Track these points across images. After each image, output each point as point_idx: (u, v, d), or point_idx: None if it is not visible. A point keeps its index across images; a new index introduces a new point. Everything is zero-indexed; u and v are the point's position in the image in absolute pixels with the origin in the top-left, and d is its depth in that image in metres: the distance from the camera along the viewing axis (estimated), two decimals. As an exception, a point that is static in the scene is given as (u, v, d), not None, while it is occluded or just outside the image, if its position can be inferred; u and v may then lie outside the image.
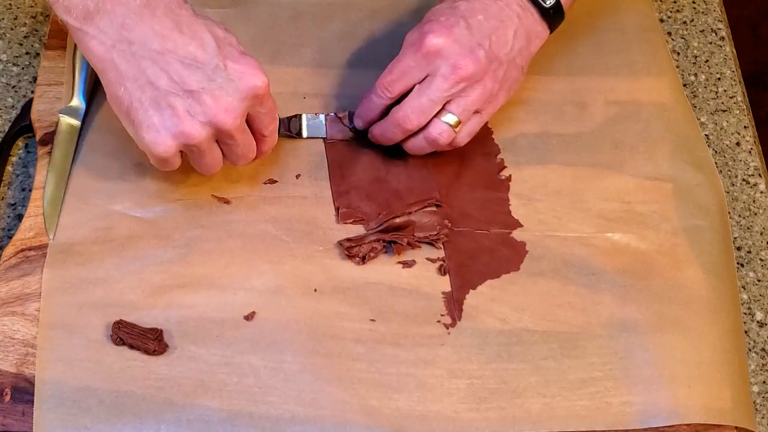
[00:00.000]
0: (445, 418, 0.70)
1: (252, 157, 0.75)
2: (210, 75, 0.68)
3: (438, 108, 0.76)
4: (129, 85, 0.68)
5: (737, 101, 0.90)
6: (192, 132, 0.69)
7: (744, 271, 0.82)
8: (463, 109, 0.76)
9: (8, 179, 0.80)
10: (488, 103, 0.78)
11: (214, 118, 0.69)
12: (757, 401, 0.76)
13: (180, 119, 0.68)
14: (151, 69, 0.68)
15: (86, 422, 0.68)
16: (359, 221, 0.78)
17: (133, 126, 0.70)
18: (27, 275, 0.73)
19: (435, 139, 0.77)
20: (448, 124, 0.77)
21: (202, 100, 0.68)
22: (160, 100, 0.68)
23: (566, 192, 0.81)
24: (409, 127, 0.77)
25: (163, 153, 0.69)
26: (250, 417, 0.69)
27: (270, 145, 0.76)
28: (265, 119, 0.73)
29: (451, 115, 0.76)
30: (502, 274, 0.76)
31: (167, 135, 0.69)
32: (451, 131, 0.77)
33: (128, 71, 0.68)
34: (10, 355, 0.70)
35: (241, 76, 0.69)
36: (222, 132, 0.70)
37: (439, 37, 0.75)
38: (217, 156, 0.73)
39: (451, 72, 0.75)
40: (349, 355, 0.72)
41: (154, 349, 0.70)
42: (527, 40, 0.78)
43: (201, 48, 0.68)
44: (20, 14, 0.89)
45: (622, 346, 0.74)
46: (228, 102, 0.69)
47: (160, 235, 0.76)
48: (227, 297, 0.73)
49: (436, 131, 0.77)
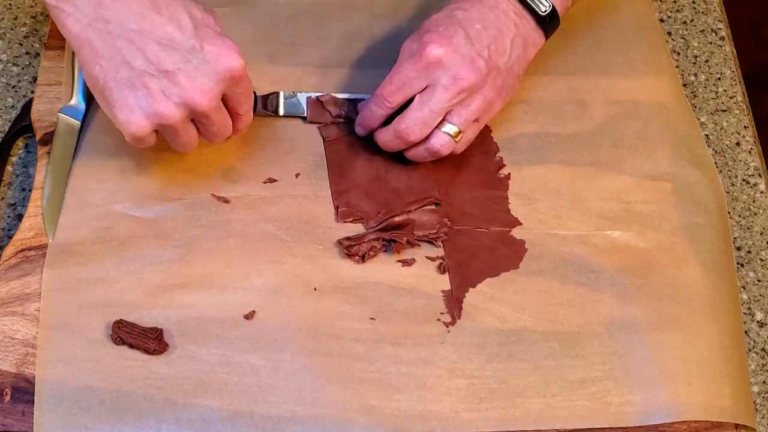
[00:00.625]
0: (445, 417, 0.70)
1: (227, 135, 0.75)
2: (186, 56, 0.68)
3: (439, 119, 0.76)
4: (104, 64, 0.68)
5: (737, 101, 0.90)
6: (166, 112, 0.69)
7: (744, 271, 0.82)
8: (464, 120, 0.77)
9: (8, 179, 0.80)
10: (486, 112, 0.78)
11: (189, 99, 0.69)
12: (757, 401, 0.76)
13: (154, 99, 0.68)
14: (126, 49, 0.68)
15: (87, 422, 0.68)
16: (359, 220, 0.78)
17: (107, 105, 0.69)
18: (27, 275, 0.73)
19: (437, 150, 0.78)
20: (449, 135, 0.77)
21: (178, 80, 0.68)
22: (135, 80, 0.68)
23: (566, 191, 0.81)
24: (412, 138, 0.77)
25: (136, 132, 0.69)
26: (251, 416, 0.69)
27: (245, 123, 0.76)
28: (240, 98, 0.73)
29: (451, 126, 0.77)
30: (502, 272, 0.76)
31: (141, 115, 0.68)
32: (452, 141, 0.77)
33: (104, 50, 0.68)
34: (10, 355, 0.70)
35: (218, 58, 0.69)
36: (197, 113, 0.70)
37: (440, 48, 0.75)
38: (193, 135, 0.73)
39: (452, 83, 0.75)
40: (349, 354, 0.72)
41: (154, 349, 0.70)
42: (524, 47, 0.78)
43: (178, 29, 0.68)
44: (20, 14, 0.89)
45: (621, 344, 0.74)
46: (203, 83, 0.69)
47: (159, 235, 0.76)
48: (227, 296, 0.73)
49: (437, 143, 0.77)
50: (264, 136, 0.80)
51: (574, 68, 0.87)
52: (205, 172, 0.79)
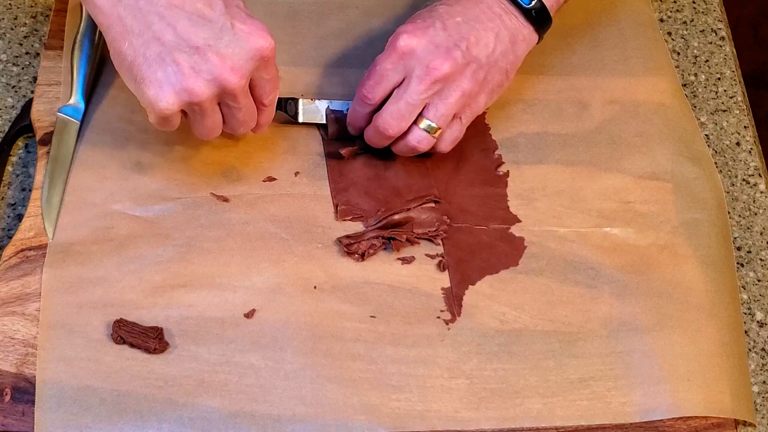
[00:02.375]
0: (446, 416, 0.70)
1: (252, 125, 0.74)
2: (217, 33, 0.68)
3: (416, 111, 0.75)
4: (134, 40, 0.67)
5: (737, 101, 0.90)
6: (196, 89, 0.68)
7: (744, 271, 0.82)
8: (441, 114, 0.75)
9: (8, 179, 0.80)
10: (467, 107, 0.77)
11: (219, 75, 0.68)
12: (757, 401, 0.76)
13: (184, 75, 0.67)
14: (157, 24, 0.67)
15: (87, 421, 0.68)
16: (358, 218, 0.78)
17: (135, 82, 0.68)
18: (27, 275, 0.73)
19: (414, 147, 0.77)
20: (426, 132, 0.76)
21: (208, 57, 0.67)
22: (165, 56, 0.67)
23: (566, 190, 0.81)
24: (390, 133, 0.76)
25: (165, 109, 0.68)
26: (251, 415, 0.69)
27: (268, 116, 0.75)
28: (267, 86, 0.72)
29: (428, 122, 0.76)
30: (501, 269, 0.76)
31: (170, 91, 0.68)
32: (430, 138, 0.76)
33: (134, 26, 0.67)
34: (10, 355, 0.70)
35: (248, 37, 0.68)
36: (226, 91, 0.69)
37: (413, 38, 0.74)
38: (218, 119, 0.72)
39: (426, 73, 0.74)
40: (349, 353, 0.72)
41: (154, 348, 0.70)
42: (511, 42, 0.77)
43: (209, 5, 0.68)
44: (20, 14, 0.89)
45: (621, 343, 0.74)
46: (234, 61, 0.68)
47: (159, 234, 0.76)
48: (227, 295, 0.73)
49: (414, 140, 0.76)
50: (263, 135, 0.80)
51: (572, 67, 0.87)
52: (204, 171, 0.79)
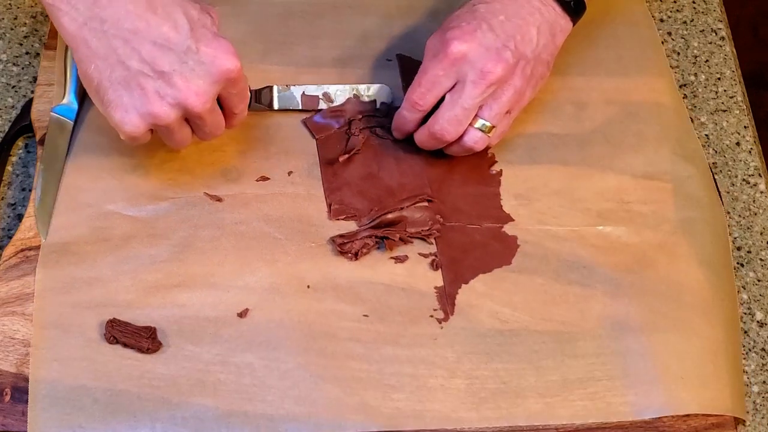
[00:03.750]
0: (445, 417, 0.70)
1: (219, 133, 0.75)
2: (182, 57, 0.68)
3: (472, 115, 0.76)
4: (99, 63, 0.68)
5: (737, 101, 0.89)
6: (161, 113, 0.69)
7: (744, 271, 0.81)
8: (495, 114, 0.76)
9: (8, 179, 0.81)
10: (517, 103, 0.78)
11: (184, 100, 0.69)
12: (757, 401, 0.75)
13: (149, 100, 0.68)
14: (122, 48, 0.68)
15: (81, 421, 0.68)
16: (351, 217, 0.78)
17: (102, 104, 0.70)
18: (27, 275, 0.73)
19: (471, 147, 0.78)
20: (482, 131, 0.77)
21: (173, 81, 0.68)
22: (130, 80, 0.68)
23: (562, 191, 0.80)
24: (447, 138, 0.77)
25: (131, 132, 0.69)
26: (245, 415, 0.69)
27: (239, 120, 0.76)
28: (235, 99, 0.73)
29: (483, 122, 0.77)
30: (494, 268, 0.76)
31: (135, 115, 0.69)
32: (485, 137, 0.77)
33: (99, 49, 0.68)
34: (10, 355, 0.70)
35: (213, 60, 0.68)
36: (191, 114, 0.70)
37: (464, 43, 0.75)
38: (186, 133, 0.73)
39: (481, 77, 0.74)
40: (343, 352, 0.72)
41: (147, 348, 0.71)
42: (551, 34, 0.78)
43: (174, 29, 0.68)
44: (20, 14, 0.90)
45: (616, 342, 0.73)
46: (198, 85, 0.68)
47: (153, 234, 0.76)
48: (221, 295, 0.74)
49: (470, 140, 0.77)
50: (257, 134, 0.81)
51: (568, 67, 0.87)
52: (198, 170, 0.79)
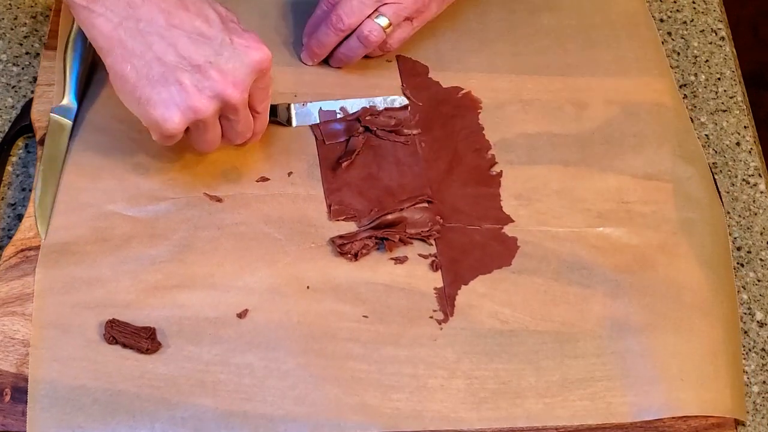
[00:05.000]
0: (445, 417, 0.70)
1: (249, 135, 0.76)
2: (217, 49, 0.69)
3: (370, 10, 0.80)
4: (136, 62, 0.69)
5: (737, 101, 0.90)
6: (200, 106, 0.69)
7: (744, 271, 0.81)
8: (394, 13, 0.81)
9: (8, 179, 0.81)
10: (420, 12, 0.81)
11: (222, 92, 0.69)
12: (757, 401, 0.75)
13: (189, 94, 0.69)
14: (158, 44, 0.68)
15: (80, 421, 0.68)
16: (351, 218, 0.78)
17: (138, 104, 0.70)
18: (27, 275, 0.73)
19: (366, 36, 0.81)
20: (379, 25, 0.80)
21: (210, 74, 0.69)
22: (168, 75, 0.69)
23: (564, 192, 0.80)
24: (342, 26, 0.80)
25: (172, 129, 0.70)
26: (245, 415, 0.69)
27: (262, 124, 0.76)
28: (260, 95, 0.74)
29: (383, 18, 0.81)
30: (494, 269, 0.76)
31: (176, 110, 0.69)
32: (382, 32, 0.81)
33: (135, 48, 0.69)
34: (10, 355, 0.70)
35: (247, 51, 0.70)
36: (228, 106, 0.71)
37: None
38: (218, 133, 0.74)
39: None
40: (343, 352, 0.72)
41: (147, 348, 0.71)
42: None
43: (206, 23, 0.69)
44: (20, 14, 0.90)
45: (616, 342, 0.73)
46: (235, 76, 0.70)
47: (153, 234, 0.76)
48: (221, 295, 0.74)
49: (366, 28, 0.81)
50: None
51: (568, 67, 0.87)
52: (197, 171, 0.79)
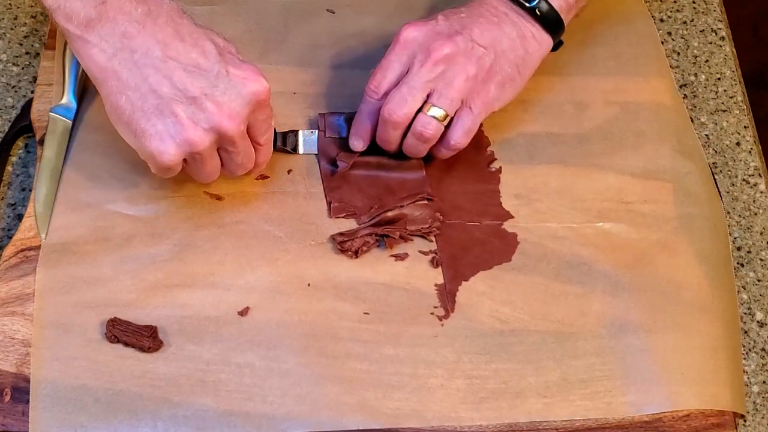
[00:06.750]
0: (445, 417, 0.70)
1: (250, 166, 0.75)
2: (213, 81, 0.68)
3: (420, 96, 0.75)
4: (131, 94, 0.68)
5: (737, 101, 0.90)
6: (196, 139, 0.68)
7: (744, 271, 0.81)
8: (446, 99, 0.75)
9: (8, 179, 0.81)
10: (475, 94, 0.76)
11: (218, 124, 0.68)
12: (757, 401, 0.75)
13: (184, 127, 0.68)
14: (153, 77, 0.68)
15: (82, 420, 0.68)
16: (351, 215, 0.78)
17: (134, 136, 0.69)
18: (27, 275, 0.74)
19: (420, 132, 0.75)
20: (434, 117, 0.75)
21: (205, 106, 0.68)
22: (163, 108, 0.68)
23: (565, 191, 0.80)
24: (395, 119, 0.75)
25: (168, 162, 0.69)
26: (246, 414, 0.69)
27: (265, 154, 0.76)
28: (262, 126, 0.73)
29: (435, 108, 0.75)
30: (494, 265, 0.76)
31: (171, 143, 0.68)
32: (438, 124, 0.75)
33: (130, 79, 0.68)
34: (10, 355, 0.70)
35: (244, 82, 0.69)
36: (225, 138, 0.70)
37: (416, 30, 0.75)
38: (216, 164, 0.73)
39: (426, 55, 0.74)
40: (344, 351, 0.72)
41: (148, 347, 0.71)
42: (519, 38, 0.77)
43: (203, 55, 0.68)
44: (20, 14, 0.90)
45: (616, 340, 0.73)
46: (231, 108, 0.69)
47: (153, 233, 0.76)
48: (221, 294, 0.74)
49: (420, 124, 0.75)
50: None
51: (567, 66, 0.87)
52: (198, 170, 0.79)
